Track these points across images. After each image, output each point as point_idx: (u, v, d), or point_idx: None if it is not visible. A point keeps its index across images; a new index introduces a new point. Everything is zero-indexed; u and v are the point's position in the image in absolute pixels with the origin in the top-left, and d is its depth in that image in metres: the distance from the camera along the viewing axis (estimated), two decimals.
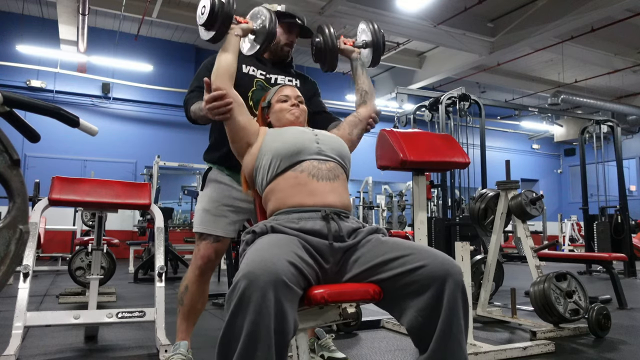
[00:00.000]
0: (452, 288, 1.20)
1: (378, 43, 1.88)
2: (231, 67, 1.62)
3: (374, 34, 1.88)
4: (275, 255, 1.16)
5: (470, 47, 9.00)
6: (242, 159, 1.61)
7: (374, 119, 1.83)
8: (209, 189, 1.99)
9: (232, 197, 1.95)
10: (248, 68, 1.98)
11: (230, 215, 1.95)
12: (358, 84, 1.87)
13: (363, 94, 1.85)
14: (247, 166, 1.58)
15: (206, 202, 1.97)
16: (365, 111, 1.83)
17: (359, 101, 1.86)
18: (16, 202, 0.74)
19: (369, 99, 1.85)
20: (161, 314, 2.32)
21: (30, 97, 0.92)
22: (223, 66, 1.61)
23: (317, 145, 1.53)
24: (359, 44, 1.91)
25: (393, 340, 2.66)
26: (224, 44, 1.66)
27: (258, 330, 1.05)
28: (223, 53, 1.64)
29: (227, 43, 1.66)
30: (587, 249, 6.43)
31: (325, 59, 1.86)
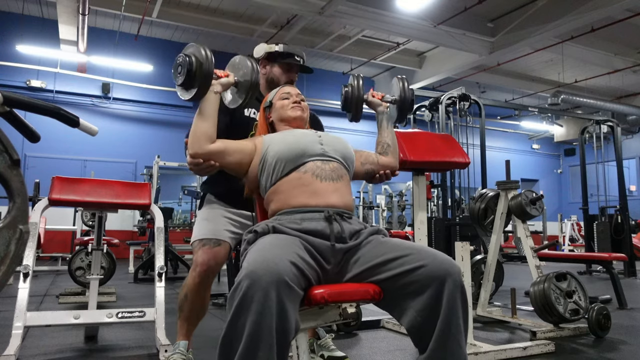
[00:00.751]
0: (451, 288, 1.20)
1: (406, 101, 1.89)
2: (208, 132, 1.52)
3: (402, 91, 1.88)
4: (278, 256, 1.16)
5: (470, 47, 9.00)
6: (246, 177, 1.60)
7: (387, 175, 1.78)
8: (207, 207, 2.00)
9: (232, 213, 1.96)
10: (249, 111, 1.98)
11: (230, 226, 1.95)
12: (382, 136, 1.83)
13: (385, 147, 1.81)
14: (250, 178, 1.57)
15: (205, 215, 1.98)
16: (388, 161, 1.78)
17: (379, 151, 1.81)
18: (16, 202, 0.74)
19: (391, 153, 1.81)
20: (161, 314, 2.32)
21: (30, 97, 0.92)
22: (199, 132, 1.51)
23: (321, 147, 1.53)
24: (387, 99, 1.91)
25: (393, 340, 2.66)
26: (201, 104, 1.55)
27: (260, 330, 1.05)
28: (199, 116, 1.54)
29: (206, 102, 1.55)
30: (587, 249, 6.43)
31: (351, 108, 1.86)
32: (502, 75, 11.56)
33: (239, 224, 1.97)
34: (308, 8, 7.60)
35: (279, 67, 2.02)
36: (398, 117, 1.92)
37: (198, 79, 1.51)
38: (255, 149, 1.56)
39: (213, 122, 1.55)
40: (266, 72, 2.05)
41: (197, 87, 1.52)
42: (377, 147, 1.82)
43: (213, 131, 1.54)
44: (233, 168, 1.56)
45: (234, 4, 8.58)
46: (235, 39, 9.55)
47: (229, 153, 1.54)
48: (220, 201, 1.98)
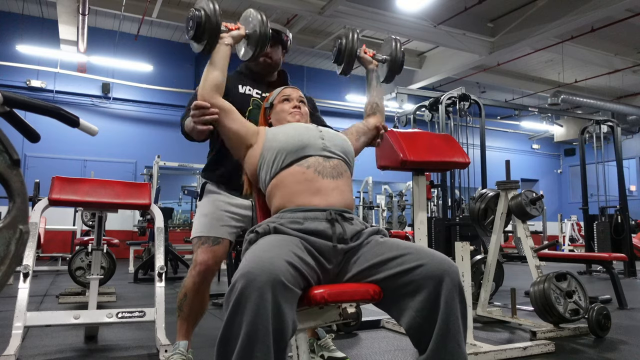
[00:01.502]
0: (449, 288, 1.20)
1: (397, 61, 1.90)
2: (217, 80, 1.59)
3: (394, 51, 1.89)
4: (274, 256, 1.16)
5: (470, 47, 9.00)
6: (244, 161, 1.61)
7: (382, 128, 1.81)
8: (207, 198, 1.99)
9: (231, 205, 1.95)
10: (244, 88, 1.98)
11: (229, 221, 1.94)
12: (371, 95, 1.87)
13: (374, 106, 1.85)
14: (250, 166, 1.58)
15: (205, 208, 1.97)
16: (376, 121, 1.82)
17: (368, 112, 1.86)
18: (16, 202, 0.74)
19: (379, 112, 1.85)
20: (161, 314, 2.32)
21: (30, 97, 0.92)
22: (209, 80, 1.59)
23: (322, 142, 1.52)
24: (378, 57, 1.93)
25: (393, 340, 2.66)
26: (212, 55, 1.62)
27: (256, 330, 1.05)
28: (210, 66, 1.61)
29: (216, 53, 1.62)
30: (587, 249, 6.43)
31: (342, 61, 1.86)
32: (502, 75, 11.56)
33: (239, 217, 1.96)
34: (308, 8, 7.61)
35: None
36: (387, 76, 1.94)
37: (207, 31, 1.57)
38: (257, 135, 1.58)
39: (223, 73, 1.61)
40: None
41: (206, 39, 1.59)
42: (366, 107, 1.87)
43: (222, 83, 1.60)
44: (231, 137, 1.57)
45: (234, 4, 8.58)
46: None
47: (233, 118, 1.58)
48: (220, 189, 1.97)
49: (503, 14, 8.71)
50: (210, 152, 2.05)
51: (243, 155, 1.59)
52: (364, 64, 1.92)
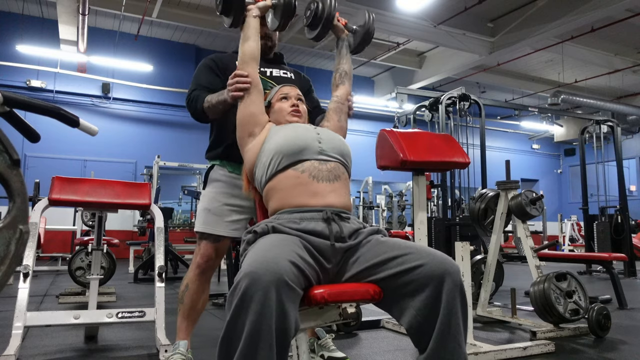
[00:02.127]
0: (450, 287, 1.20)
1: (368, 33, 1.92)
2: (254, 52, 1.70)
3: (367, 22, 1.92)
4: (278, 255, 1.16)
5: (470, 47, 9.00)
6: (244, 150, 1.61)
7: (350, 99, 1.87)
8: (211, 188, 2.00)
9: (234, 196, 1.95)
10: None
11: (232, 215, 1.95)
12: (340, 63, 1.91)
13: (342, 74, 1.89)
14: (248, 159, 1.58)
15: (208, 201, 1.98)
16: (344, 91, 1.86)
17: (337, 81, 1.89)
18: (16, 202, 0.74)
19: (347, 80, 1.89)
20: (161, 314, 2.32)
21: (30, 97, 0.92)
22: (245, 53, 1.69)
23: (319, 145, 1.52)
24: (350, 26, 1.95)
25: (393, 340, 2.66)
26: (243, 29, 1.72)
27: (260, 329, 1.05)
28: (243, 39, 1.70)
29: (246, 26, 1.72)
30: (587, 249, 6.43)
31: (317, 26, 1.84)
32: (502, 75, 11.56)
33: (241, 208, 1.96)
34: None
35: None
36: (357, 46, 1.95)
37: (233, 4, 1.67)
38: (263, 129, 1.61)
39: (257, 44, 1.72)
40: None
41: (233, 12, 1.68)
42: (334, 74, 1.90)
43: (258, 54, 1.71)
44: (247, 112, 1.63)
45: None
46: (236, 39, 9.52)
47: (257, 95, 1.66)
48: (225, 168, 1.98)
49: (503, 14, 8.71)
50: (211, 134, 2.08)
51: (244, 141, 1.60)
52: (335, 32, 1.93)
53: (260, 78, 1.93)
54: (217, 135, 2.04)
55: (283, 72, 2.07)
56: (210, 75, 1.99)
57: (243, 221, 1.99)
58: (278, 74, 2.04)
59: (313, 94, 2.16)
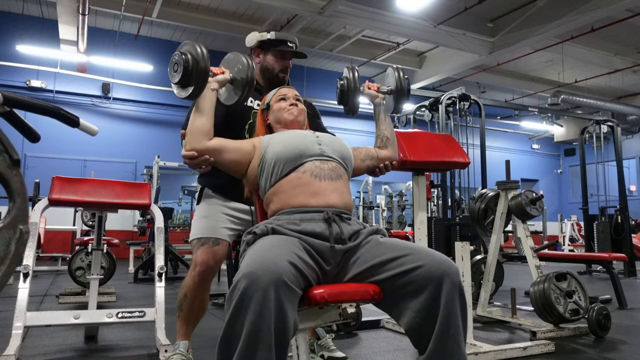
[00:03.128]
0: (449, 288, 1.20)
1: (402, 91, 1.85)
2: (205, 127, 1.52)
3: (398, 81, 1.84)
4: (276, 256, 1.16)
5: (470, 47, 9.00)
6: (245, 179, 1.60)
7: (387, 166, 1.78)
8: (206, 202, 1.98)
9: (231, 208, 1.95)
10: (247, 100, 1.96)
11: (229, 224, 1.94)
12: (380, 129, 1.83)
13: (384, 140, 1.81)
14: (249, 179, 1.57)
15: (204, 211, 1.96)
16: (388, 154, 1.78)
17: (378, 145, 1.81)
18: (16, 202, 0.74)
19: (390, 145, 1.81)
20: (161, 314, 2.32)
21: (30, 97, 0.92)
22: (196, 127, 1.52)
23: (319, 147, 1.52)
24: (383, 89, 1.88)
25: (393, 340, 2.66)
26: (198, 101, 1.56)
27: (259, 330, 1.05)
28: (196, 112, 1.54)
29: (202, 99, 1.56)
30: (587, 249, 6.43)
31: (347, 101, 1.82)
32: (502, 75, 11.56)
33: (238, 220, 1.96)
34: (308, 8, 7.61)
35: (272, 55, 2.00)
36: (395, 107, 1.90)
37: (195, 76, 1.51)
38: (254, 150, 1.56)
39: (210, 118, 1.55)
40: (260, 60, 2.03)
41: (193, 85, 1.53)
42: (376, 140, 1.82)
43: (210, 127, 1.54)
44: (230, 167, 1.55)
45: (234, 4, 8.58)
46: (235, 39, 9.55)
47: (226, 150, 1.53)
48: (218, 194, 1.96)
49: (503, 14, 8.71)
50: None
51: (244, 174, 1.58)
52: (370, 100, 1.87)
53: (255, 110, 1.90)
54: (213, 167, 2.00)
55: None
56: None
57: (239, 231, 1.97)
58: None
59: (318, 120, 2.10)
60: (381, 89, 1.87)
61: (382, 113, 1.84)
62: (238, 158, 1.54)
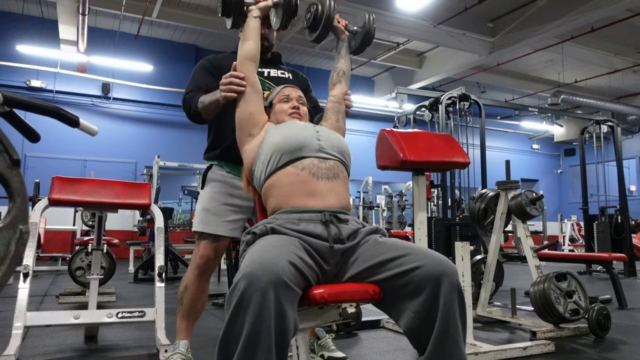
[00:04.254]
0: (448, 289, 1.20)
1: (368, 34, 1.92)
2: (253, 53, 1.69)
3: (367, 23, 1.91)
4: (276, 256, 1.15)
5: (470, 47, 9.00)
6: (243, 149, 1.61)
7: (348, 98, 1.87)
8: (209, 187, 2.00)
9: (233, 195, 1.96)
10: None
11: (230, 215, 1.95)
12: (340, 63, 1.91)
13: (340, 74, 1.89)
14: (247, 159, 1.58)
15: (206, 201, 1.98)
16: (340, 90, 1.86)
17: (334, 80, 1.89)
18: (16, 202, 0.74)
19: (345, 79, 1.89)
20: (161, 314, 2.32)
21: (30, 97, 0.92)
22: (243, 54, 1.68)
23: (319, 142, 1.52)
24: (350, 28, 1.95)
25: (393, 340, 2.66)
26: (244, 29, 1.71)
27: (258, 330, 1.05)
28: (243, 39, 1.70)
29: (246, 27, 1.71)
30: (587, 249, 6.43)
31: (318, 28, 1.83)
32: (502, 75, 11.56)
33: (240, 208, 1.97)
34: None
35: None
36: (358, 48, 1.96)
37: (233, 4, 1.67)
38: (262, 129, 1.61)
39: (255, 44, 1.70)
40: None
41: (233, 13, 1.69)
42: (332, 73, 1.90)
43: (256, 53, 1.70)
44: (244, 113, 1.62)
45: None
46: (236, 39, 9.55)
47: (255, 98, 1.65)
48: (223, 168, 1.98)
49: (503, 14, 8.71)
50: (209, 135, 2.08)
51: (244, 141, 1.60)
52: (336, 34, 1.93)
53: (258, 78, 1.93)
54: (215, 136, 2.03)
55: (281, 72, 2.08)
56: (206, 76, 1.98)
57: (241, 221, 1.99)
58: (276, 74, 2.04)
59: (311, 94, 2.16)
60: (348, 27, 1.95)
61: (344, 49, 1.93)
62: (256, 114, 1.63)
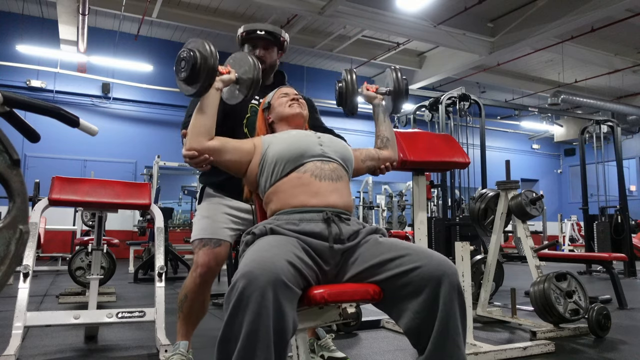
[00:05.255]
0: (447, 289, 1.20)
1: (400, 91, 1.85)
2: (206, 127, 1.51)
3: (396, 82, 1.85)
4: (275, 255, 1.16)
5: (470, 47, 9.00)
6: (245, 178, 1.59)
7: (387, 167, 1.80)
8: (207, 202, 1.99)
9: (232, 208, 1.95)
10: None
11: (230, 224, 1.94)
12: (380, 130, 1.84)
13: (384, 140, 1.82)
14: (249, 178, 1.57)
15: (206, 211, 1.96)
16: (388, 155, 1.79)
17: (378, 145, 1.82)
18: (16, 202, 0.74)
19: (390, 146, 1.82)
20: (161, 314, 2.32)
21: (30, 97, 0.92)
22: (196, 127, 1.50)
23: (321, 148, 1.52)
24: (381, 90, 1.88)
25: (393, 340, 2.66)
26: (202, 100, 1.54)
27: (257, 330, 1.05)
28: (198, 111, 1.52)
29: (206, 98, 1.53)
30: (587, 249, 6.43)
31: (346, 103, 1.82)
32: (502, 75, 11.56)
33: (240, 220, 1.96)
34: (308, 8, 7.61)
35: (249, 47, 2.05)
36: (394, 107, 1.91)
37: (202, 74, 1.49)
38: (254, 149, 1.55)
39: (212, 118, 1.54)
40: None
41: (200, 82, 1.51)
42: (376, 140, 1.83)
43: (211, 127, 1.53)
44: (230, 167, 1.55)
45: (234, 4, 8.58)
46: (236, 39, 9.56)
47: (226, 151, 1.53)
48: (219, 193, 1.97)
49: (503, 14, 8.71)
50: None
51: (243, 174, 1.58)
52: (369, 101, 1.87)
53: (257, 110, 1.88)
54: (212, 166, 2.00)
55: None
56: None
57: (240, 231, 1.97)
58: None
59: (315, 115, 2.10)
60: (379, 90, 1.88)
61: (382, 114, 1.84)
62: (238, 158, 1.54)
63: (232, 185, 1.84)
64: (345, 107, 1.84)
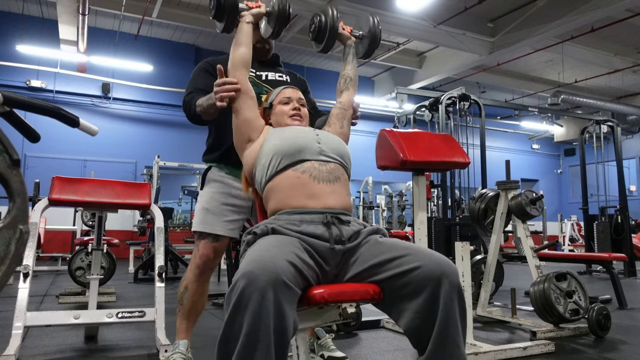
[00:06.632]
0: (447, 289, 1.20)
1: (375, 37, 1.91)
2: (245, 59, 1.67)
3: (372, 27, 1.91)
4: (275, 255, 1.15)
5: (470, 47, 9.00)
6: (243, 155, 1.61)
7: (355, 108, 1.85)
8: (209, 188, 2.00)
9: (232, 196, 1.96)
10: None
11: (230, 215, 1.95)
12: (346, 69, 1.90)
13: (347, 80, 1.88)
14: (247, 163, 1.58)
15: (206, 201, 1.98)
16: (347, 97, 1.85)
17: (341, 87, 1.88)
18: (16, 202, 0.74)
19: (352, 86, 1.88)
20: (161, 314, 2.32)
21: (30, 97, 0.92)
22: (235, 58, 1.67)
23: (319, 146, 1.52)
24: (356, 33, 1.94)
25: (393, 340, 2.66)
26: (236, 34, 1.70)
27: (257, 330, 1.05)
28: (235, 44, 1.69)
29: (239, 32, 1.70)
30: (587, 249, 6.43)
31: (323, 39, 1.83)
32: (502, 75, 11.56)
33: (239, 208, 1.97)
34: (308, 8, 7.60)
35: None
36: (366, 52, 1.95)
37: (226, 10, 1.64)
38: (261, 133, 1.60)
39: (247, 48, 1.69)
40: None
41: (225, 17, 1.66)
42: (339, 80, 1.89)
43: (248, 58, 1.68)
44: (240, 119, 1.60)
45: None
46: None
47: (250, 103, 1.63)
48: (222, 170, 1.98)
49: (503, 14, 8.71)
50: (209, 137, 2.08)
51: (243, 146, 1.60)
52: (342, 40, 1.92)
53: (256, 82, 1.94)
54: (215, 139, 2.03)
55: (278, 75, 2.07)
56: (206, 78, 1.97)
57: (240, 221, 2.00)
58: (273, 77, 2.04)
59: (309, 95, 2.15)
60: (354, 33, 1.94)
61: (351, 55, 1.92)
62: (252, 119, 1.62)
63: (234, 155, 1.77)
64: (321, 44, 1.85)
